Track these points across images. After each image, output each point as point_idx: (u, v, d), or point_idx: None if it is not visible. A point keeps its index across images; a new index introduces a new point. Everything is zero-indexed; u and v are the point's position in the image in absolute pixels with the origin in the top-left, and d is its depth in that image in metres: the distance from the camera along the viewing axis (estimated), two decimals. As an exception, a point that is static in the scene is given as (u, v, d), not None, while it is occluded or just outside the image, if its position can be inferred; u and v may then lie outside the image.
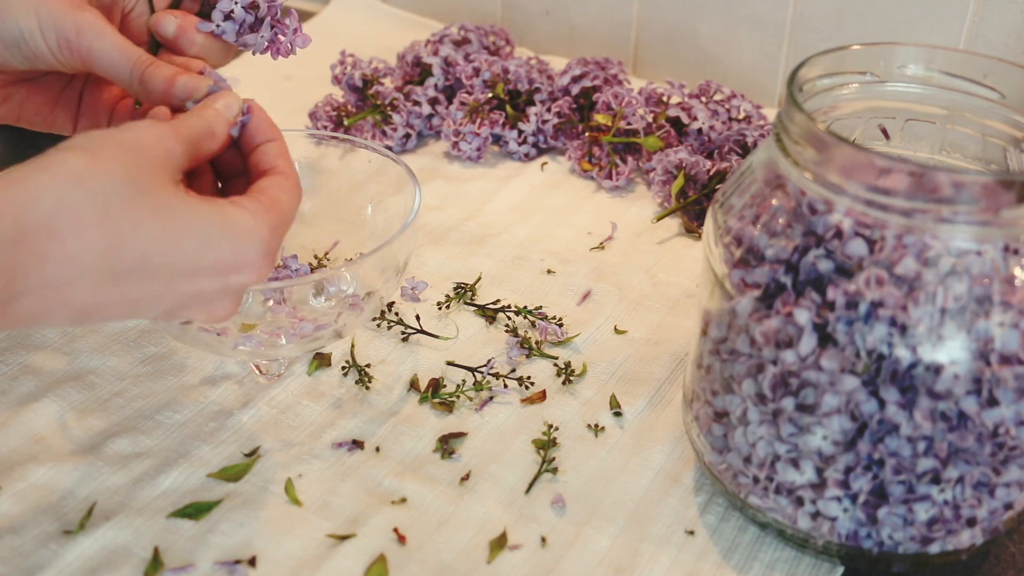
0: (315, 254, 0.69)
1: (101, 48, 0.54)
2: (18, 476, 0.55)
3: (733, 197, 0.51)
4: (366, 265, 0.57)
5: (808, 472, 0.49)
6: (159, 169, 0.46)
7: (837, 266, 0.45)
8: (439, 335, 0.67)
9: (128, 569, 0.51)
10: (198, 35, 0.57)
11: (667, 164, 0.79)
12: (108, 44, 0.54)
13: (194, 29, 0.57)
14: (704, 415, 0.54)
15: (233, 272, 0.48)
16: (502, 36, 0.97)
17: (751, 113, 0.86)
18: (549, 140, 0.87)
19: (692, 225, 0.78)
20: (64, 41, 0.54)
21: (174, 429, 0.59)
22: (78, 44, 0.54)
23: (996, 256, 0.44)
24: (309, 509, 0.55)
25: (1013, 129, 0.52)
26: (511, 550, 0.53)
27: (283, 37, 0.58)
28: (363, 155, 0.66)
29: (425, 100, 0.87)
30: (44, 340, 0.65)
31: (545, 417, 0.61)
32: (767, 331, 0.47)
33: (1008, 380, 0.44)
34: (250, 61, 0.99)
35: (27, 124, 0.60)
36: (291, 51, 0.58)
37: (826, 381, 0.46)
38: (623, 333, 0.68)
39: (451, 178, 0.84)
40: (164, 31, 0.57)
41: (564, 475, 0.57)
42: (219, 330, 0.58)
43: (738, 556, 0.53)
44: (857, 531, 0.49)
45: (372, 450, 0.59)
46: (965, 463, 0.46)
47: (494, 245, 0.75)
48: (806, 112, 0.47)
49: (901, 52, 0.53)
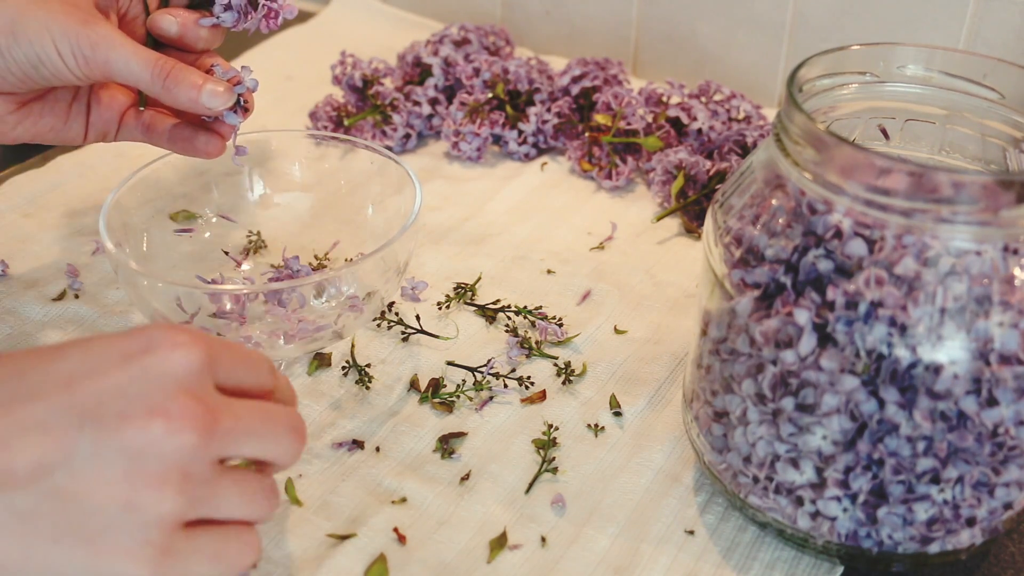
0: (315, 254, 0.69)
1: (118, 58, 0.55)
2: (18, 476, 0.55)
3: (733, 197, 0.51)
4: (366, 266, 0.57)
5: (808, 472, 0.49)
6: None
7: (837, 266, 0.45)
8: (439, 335, 0.67)
9: (128, 569, 0.51)
10: (202, 30, 0.58)
11: (667, 164, 0.79)
12: (125, 53, 0.55)
13: (196, 25, 0.58)
14: (704, 415, 0.54)
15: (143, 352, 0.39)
16: (502, 36, 0.97)
17: (751, 113, 0.86)
18: (549, 140, 0.87)
19: (692, 225, 0.78)
20: (81, 58, 0.54)
21: (174, 429, 0.59)
22: (95, 58, 0.54)
23: (996, 256, 0.44)
24: (309, 509, 0.55)
25: (1013, 129, 0.52)
26: (511, 550, 0.53)
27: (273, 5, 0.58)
28: (363, 155, 0.67)
29: (425, 100, 0.88)
30: (45, 340, 0.65)
31: (545, 417, 0.61)
32: (767, 331, 0.47)
33: (1008, 380, 0.44)
34: (250, 62, 1.00)
35: (42, 140, 0.60)
36: (279, 23, 0.59)
37: (826, 381, 0.46)
38: (623, 333, 0.68)
39: (451, 178, 0.84)
40: (167, 31, 0.58)
41: (564, 475, 0.57)
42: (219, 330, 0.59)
43: (738, 556, 0.53)
44: (857, 531, 0.50)
45: (372, 450, 0.59)
46: (965, 463, 0.46)
47: (494, 245, 0.76)
48: (806, 112, 0.47)
49: (901, 52, 0.53)
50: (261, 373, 0.44)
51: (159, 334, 0.39)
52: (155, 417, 0.37)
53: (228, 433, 0.39)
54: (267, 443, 0.42)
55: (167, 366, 0.39)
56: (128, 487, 0.37)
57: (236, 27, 0.58)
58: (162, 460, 0.37)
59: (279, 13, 0.58)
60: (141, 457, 0.37)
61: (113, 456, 0.37)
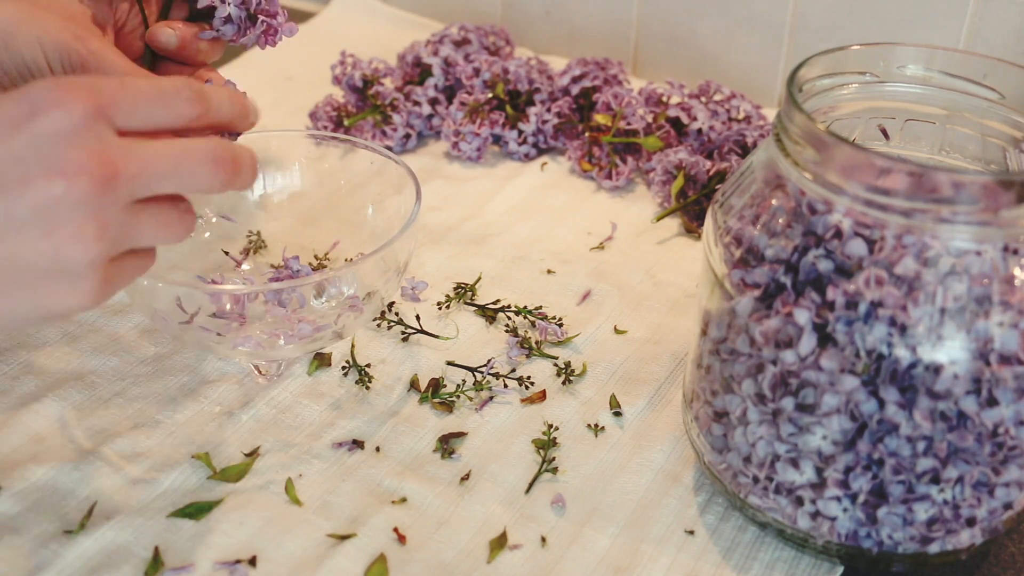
0: (315, 254, 0.69)
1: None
2: (18, 476, 0.55)
3: (733, 197, 0.51)
4: (366, 266, 0.57)
5: (808, 472, 0.49)
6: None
7: (837, 266, 0.45)
8: (439, 335, 0.67)
9: (128, 569, 0.51)
10: (201, 43, 0.57)
11: (667, 164, 0.79)
12: (116, 71, 0.54)
13: (196, 38, 0.57)
14: (704, 415, 0.54)
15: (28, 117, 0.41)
16: (502, 36, 0.97)
17: (751, 113, 0.86)
18: (549, 140, 0.87)
19: (692, 225, 0.78)
20: (71, 72, 0.54)
21: (174, 429, 0.59)
22: (85, 73, 0.54)
23: (995, 256, 0.44)
24: (309, 509, 0.55)
25: (1013, 129, 0.52)
26: (511, 550, 0.53)
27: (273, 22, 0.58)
28: (363, 155, 0.66)
29: (425, 100, 0.88)
30: (45, 340, 0.65)
31: (545, 417, 0.61)
32: (767, 331, 0.47)
33: (1007, 380, 0.44)
34: (250, 62, 1.00)
35: None
36: (277, 40, 0.59)
37: (826, 381, 0.46)
38: (623, 333, 0.68)
39: (451, 178, 0.84)
40: (166, 44, 0.57)
41: (564, 475, 0.57)
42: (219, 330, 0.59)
43: (738, 556, 0.53)
44: (857, 531, 0.50)
45: (372, 450, 0.59)
46: (965, 463, 0.46)
47: (494, 245, 0.76)
48: (806, 112, 0.47)
49: (901, 52, 0.53)
50: (177, 105, 0.44)
51: (41, 95, 0.41)
52: (53, 177, 0.40)
53: (134, 177, 0.42)
54: (184, 179, 0.43)
55: (55, 126, 0.40)
56: (49, 242, 0.40)
57: (235, 41, 0.58)
58: (72, 213, 0.40)
59: (278, 31, 0.58)
60: (52, 215, 0.40)
61: (26, 217, 0.40)
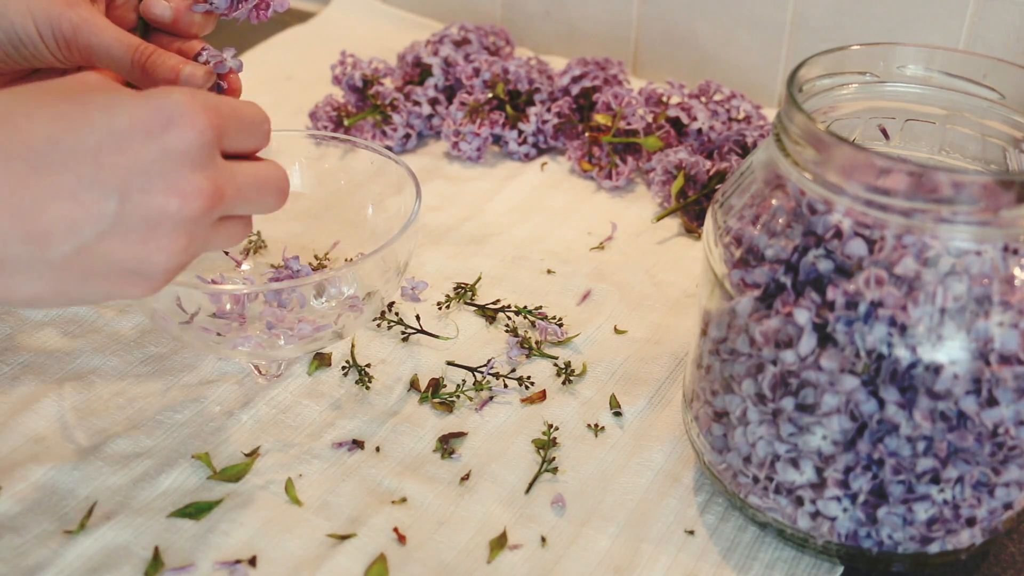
0: (315, 254, 0.69)
1: (99, 43, 0.55)
2: (18, 476, 0.55)
3: (733, 197, 0.51)
4: (366, 266, 0.57)
5: (808, 472, 0.49)
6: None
7: (837, 266, 0.45)
8: (439, 335, 0.67)
9: (128, 569, 0.51)
10: (195, 15, 0.58)
11: (667, 164, 0.79)
12: (106, 38, 0.55)
13: (189, 11, 0.58)
14: (704, 415, 0.54)
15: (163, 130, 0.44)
16: (502, 36, 0.97)
17: (751, 113, 0.86)
18: (549, 140, 0.87)
19: (692, 225, 0.78)
20: (62, 40, 0.54)
21: (174, 429, 0.59)
22: (76, 42, 0.54)
23: (995, 256, 0.44)
24: (309, 509, 0.55)
25: (1013, 129, 0.52)
26: (511, 550, 0.53)
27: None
28: (363, 155, 0.66)
29: (425, 100, 0.88)
30: (45, 339, 0.65)
31: (545, 417, 0.61)
32: (767, 331, 0.47)
33: (1008, 380, 0.44)
34: (251, 62, 1.00)
35: None
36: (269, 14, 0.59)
37: (826, 381, 0.46)
38: (623, 333, 0.68)
39: (451, 178, 0.84)
40: (160, 16, 0.58)
41: (564, 475, 0.57)
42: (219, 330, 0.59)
43: (738, 556, 0.53)
44: (857, 531, 0.50)
45: (372, 450, 0.59)
46: (965, 463, 0.46)
47: (494, 245, 0.76)
48: (806, 112, 0.47)
49: (901, 52, 0.53)
50: (260, 134, 0.49)
51: (178, 109, 0.44)
52: (171, 195, 0.44)
53: (231, 202, 0.47)
54: (259, 205, 0.49)
55: (185, 144, 0.44)
56: (143, 248, 0.44)
57: (228, 14, 0.58)
58: (174, 228, 0.44)
59: (269, 5, 0.58)
60: (156, 226, 0.44)
61: (135, 224, 0.44)
